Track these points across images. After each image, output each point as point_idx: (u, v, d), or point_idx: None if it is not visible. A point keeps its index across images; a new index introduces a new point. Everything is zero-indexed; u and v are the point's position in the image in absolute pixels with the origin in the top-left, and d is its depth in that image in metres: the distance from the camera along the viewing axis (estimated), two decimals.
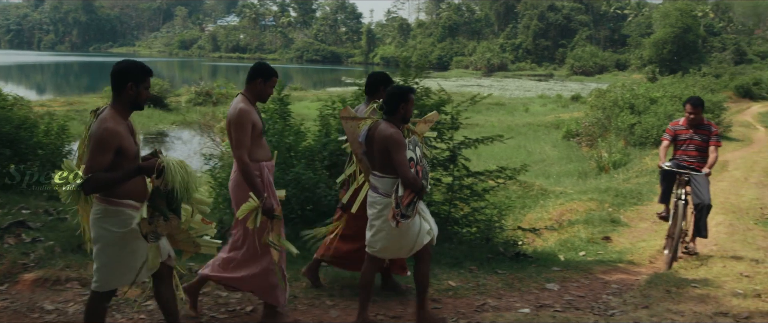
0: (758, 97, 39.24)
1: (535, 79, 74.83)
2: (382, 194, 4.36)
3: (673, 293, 5.57)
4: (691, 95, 7.96)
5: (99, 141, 3.47)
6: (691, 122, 7.13)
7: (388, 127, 4.30)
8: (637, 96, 21.81)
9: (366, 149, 4.56)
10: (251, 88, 4.42)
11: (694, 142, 7.13)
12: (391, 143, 4.22)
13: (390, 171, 4.31)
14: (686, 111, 7.16)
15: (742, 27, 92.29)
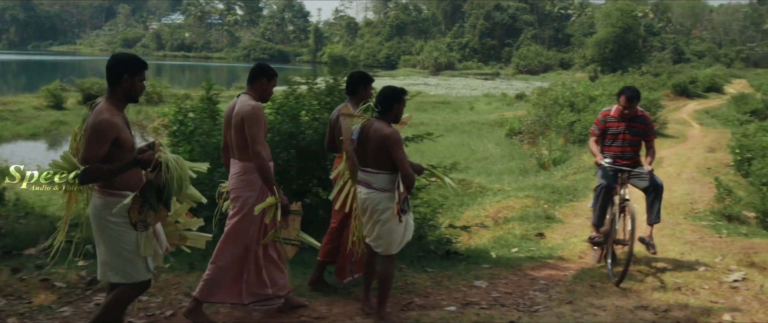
0: (694, 95, 40.39)
1: (482, 77, 75.62)
2: (377, 189, 4.58)
3: (598, 288, 5.67)
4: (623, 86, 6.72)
5: (96, 132, 3.54)
6: (623, 115, 6.32)
7: (384, 125, 4.55)
8: (577, 94, 22.22)
9: (356, 147, 4.71)
10: (256, 88, 4.56)
11: (626, 136, 6.36)
12: (391, 142, 4.47)
13: (385, 167, 4.55)
14: (620, 103, 6.31)
15: (680, 27, 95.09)
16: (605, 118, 6.47)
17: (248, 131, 4.35)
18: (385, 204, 4.55)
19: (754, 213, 10.77)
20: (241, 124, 4.38)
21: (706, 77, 45.39)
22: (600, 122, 6.50)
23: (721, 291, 5.57)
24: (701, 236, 9.04)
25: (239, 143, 4.47)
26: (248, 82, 4.58)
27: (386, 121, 4.63)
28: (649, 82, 35.44)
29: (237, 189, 4.54)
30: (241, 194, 4.52)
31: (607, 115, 6.49)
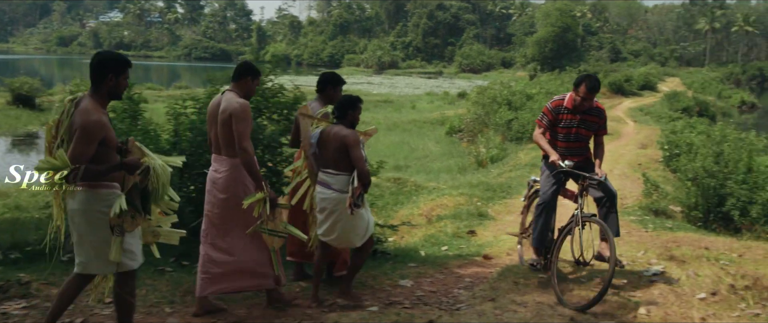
0: (629, 93, 41.50)
1: (425, 76, 76.15)
2: (336, 190, 4.87)
3: (521, 284, 5.69)
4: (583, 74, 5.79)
5: (86, 132, 3.59)
6: (581, 106, 5.44)
7: (342, 128, 4.90)
8: (515, 93, 22.55)
9: (316, 150, 5.01)
10: (241, 86, 4.68)
11: (581, 131, 5.55)
12: (350, 141, 4.80)
13: (344, 169, 4.86)
14: (579, 93, 5.38)
15: (617, 27, 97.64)
16: (557, 109, 5.54)
17: (236, 127, 4.44)
18: (344, 205, 4.81)
19: (680, 208, 11.08)
20: (229, 120, 4.46)
21: (641, 76, 46.71)
22: (550, 112, 5.56)
23: (641, 286, 5.65)
24: (628, 231, 9.20)
25: (227, 140, 4.55)
26: (233, 79, 4.69)
27: (344, 125, 4.95)
28: None
29: (226, 187, 4.63)
30: (235, 191, 4.63)
31: (559, 105, 5.53)
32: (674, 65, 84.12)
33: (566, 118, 5.53)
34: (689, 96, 37.65)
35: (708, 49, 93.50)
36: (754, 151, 10.87)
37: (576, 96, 5.43)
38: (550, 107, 5.61)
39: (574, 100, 5.46)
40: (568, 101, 5.51)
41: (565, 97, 5.59)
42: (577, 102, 5.44)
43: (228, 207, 4.65)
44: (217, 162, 4.69)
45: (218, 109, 4.57)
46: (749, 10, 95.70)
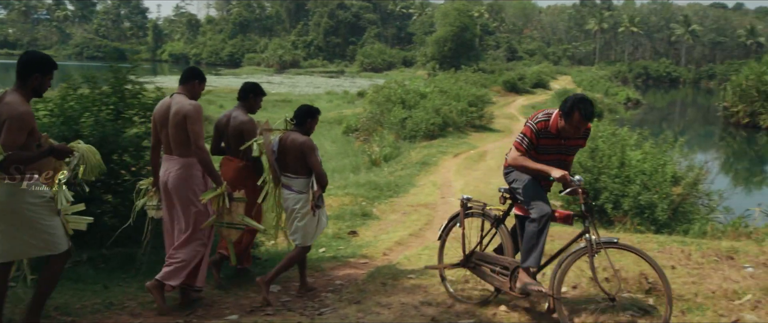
0: (523, 91, 42.74)
1: (327, 75, 75.89)
2: (296, 192, 5.33)
3: (388, 285, 5.63)
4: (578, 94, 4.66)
5: (18, 121, 3.79)
6: (566, 132, 4.50)
7: (299, 136, 5.31)
8: (409, 91, 22.70)
9: (277, 156, 5.37)
10: (189, 88, 4.94)
11: (562, 157, 4.71)
12: (307, 148, 5.24)
13: (302, 172, 5.30)
14: (572, 123, 4.40)
15: (513, 27, 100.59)
16: (541, 131, 4.57)
17: (192, 128, 4.68)
18: (303, 204, 5.33)
19: (560, 202, 11.40)
20: (183, 121, 4.68)
21: (533, 74, 48.25)
22: (533, 135, 4.59)
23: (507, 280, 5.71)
24: None
25: (181, 140, 4.76)
26: (181, 82, 4.95)
27: (302, 132, 5.36)
28: (481, 79, 36.99)
29: (178, 185, 4.84)
30: (185, 188, 4.85)
31: (543, 127, 4.55)
32: (567, 64, 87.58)
33: (549, 144, 4.61)
34: None
35: (597, 48, 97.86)
36: (627, 146, 11.30)
37: (565, 124, 4.44)
38: (534, 129, 4.57)
39: (558, 125, 4.49)
40: (552, 125, 4.53)
41: (549, 116, 4.55)
42: (567, 131, 4.49)
43: (180, 204, 4.87)
44: (168, 161, 4.89)
45: (168, 112, 4.79)
46: (634, 12, 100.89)
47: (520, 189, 4.69)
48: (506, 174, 4.90)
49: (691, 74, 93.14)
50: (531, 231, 4.60)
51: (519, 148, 4.67)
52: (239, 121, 5.54)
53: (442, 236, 5.43)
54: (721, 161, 29.34)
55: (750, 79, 35.61)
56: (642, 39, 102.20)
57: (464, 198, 5.19)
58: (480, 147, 19.29)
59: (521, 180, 4.70)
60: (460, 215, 5.18)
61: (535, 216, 4.56)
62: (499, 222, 5.07)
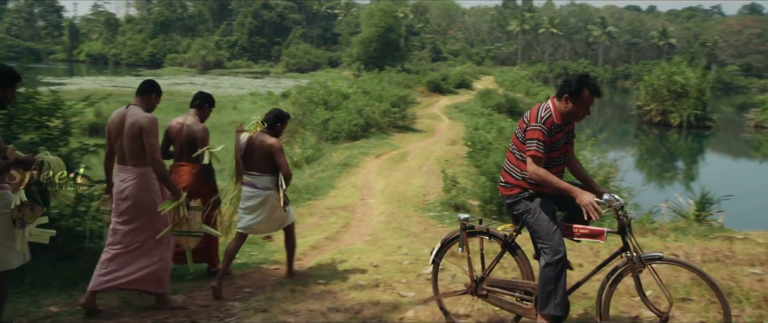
0: (447, 92, 43.20)
1: (251, 76, 74.81)
2: (260, 188, 5.71)
3: (297, 292, 5.53)
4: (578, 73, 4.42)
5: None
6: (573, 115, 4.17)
7: (268, 137, 5.71)
8: (331, 92, 22.58)
9: (244, 154, 5.73)
10: (145, 101, 5.01)
11: (568, 147, 4.36)
12: (275, 149, 5.69)
13: (267, 170, 5.70)
14: (582, 101, 4.10)
15: (437, 27, 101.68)
16: (552, 129, 4.12)
17: (148, 139, 4.78)
18: (270, 200, 5.72)
19: (478, 202, 11.53)
20: (139, 133, 4.78)
21: (457, 74, 48.84)
22: (547, 137, 4.09)
23: (417, 285, 5.70)
24: (426, 227, 9.40)
25: (136, 151, 4.85)
26: (139, 93, 5.00)
27: (272, 134, 5.77)
28: (405, 79, 37.17)
29: (135, 194, 4.90)
30: (143, 198, 4.92)
31: (552, 122, 4.11)
32: (490, 64, 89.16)
33: (558, 137, 4.19)
34: (500, 93, 39.81)
35: (519, 49, 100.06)
36: None
37: (574, 106, 4.11)
38: (545, 129, 4.09)
39: (564, 111, 4.15)
40: (556, 115, 4.14)
41: (550, 109, 4.16)
42: (577, 113, 4.14)
43: (134, 213, 4.94)
44: (123, 172, 4.95)
45: (123, 123, 4.87)
46: (554, 14, 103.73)
47: (533, 222, 4.20)
48: (513, 203, 4.32)
49: (608, 74, 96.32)
50: (547, 276, 4.10)
51: (539, 156, 4.06)
52: (194, 130, 5.82)
53: (435, 260, 4.82)
54: (636, 158, 30.46)
55: (661, 79, 37.08)
56: (562, 40, 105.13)
57: (462, 217, 4.59)
58: (402, 147, 19.35)
59: (534, 212, 4.19)
60: (461, 237, 4.58)
61: (549, 260, 4.08)
62: (511, 245, 4.50)
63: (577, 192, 3.99)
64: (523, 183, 4.23)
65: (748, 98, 63.74)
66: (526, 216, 4.23)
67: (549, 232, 4.13)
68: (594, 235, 4.13)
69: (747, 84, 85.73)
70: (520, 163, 4.21)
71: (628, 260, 4.03)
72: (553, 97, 4.21)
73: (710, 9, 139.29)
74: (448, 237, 4.76)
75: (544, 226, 4.15)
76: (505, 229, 4.55)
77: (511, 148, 4.33)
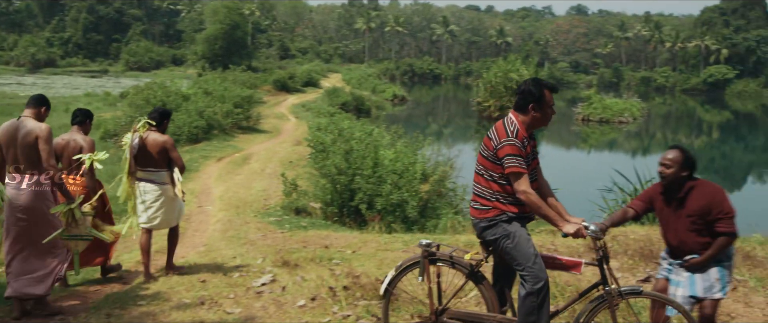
0: (294, 90, 42.97)
1: (88, 75, 70.42)
2: (158, 183, 6.11)
3: (115, 316, 5.17)
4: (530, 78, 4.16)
5: None
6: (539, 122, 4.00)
7: (159, 135, 6.12)
8: (170, 93, 21.64)
9: (137, 153, 6.08)
10: (37, 113, 5.21)
11: (535, 162, 4.13)
12: (169, 145, 6.12)
13: (163, 166, 6.11)
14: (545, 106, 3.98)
15: (285, 25, 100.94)
16: (523, 142, 3.91)
17: (44, 147, 5.01)
18: (167, 193, 6.15)
19: (319, 204, 11.47)
20: (35, 142, 5.01)
21: (304, 73, 48.71)
22: (522, 150, 3.88)
23: (246, 299, 5.52)
24: (265, 234, 9.19)
25: (32, 158, 5.07)
26: (31, 106, 5.21)
27: (160, 131, 6.16)
28: (250, 79, 36.50)
29: (32, 200, 5.09)
30: (39, 204, 5.13)
31: (523, 135, 3.92)
32: (338, 62, 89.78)
33: (527, 152, 3.96)
34: (347, 91, 40.16)
35: (367, 46, 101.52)
36: (380, 146, 11.67)
37: (541, 111, 3.94)
38: (518, 142, 3.87)
39: (530, 122, 3.96)
40: (522, 128, 3.93)
41: (516, 123, 3.94)
42: (545, 117, 3.98)
43: (30, 220, 5.11)
44: (18, 180, 5.09)
45: (17, 133, 5.06)
46: (399, 12, 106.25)
47: (513, 248, 3.89)
48: (487, 227, 3.98)
49: (451, 71, 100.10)
50: (530, 306, 3.83)
51: (522, 172, 3.82)
52: (80, 144, 6.00)
53: (388, 289, 4.40)
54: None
55: (498, 77, 38.96)
56: (407, 38, 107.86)
57: (423, 242, 4.22)
58: (246, 149, 18.95)
59: (513, 236, 3.89)
60: (422, 264, 4.21)
61: (531, 289, 3.81)
62: (476, 275, 4.17)
63: (563, 224, 3.85)
64: (499, 205, 3.94)
65: (577, 93, 68.51)
66: (505, 242, 3.91)
67: (530, 258, 3.85)
68: (571, 267, 4.01)
69: (576, 79, 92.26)
70: (492, 184, 3.95)
71: (606, 293, 3.91)
72: (513, 110, 4.00)
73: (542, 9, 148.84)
74: (403, 263, 4.37)
75: (524, 251, 3.86)
76: (472, 257, 4.18)
77: (479, 170, 4.04)
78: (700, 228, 4.13)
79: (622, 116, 39.91)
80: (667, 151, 4.21)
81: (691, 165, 4.13)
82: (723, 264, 4.20)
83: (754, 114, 61.36)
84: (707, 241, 4.13)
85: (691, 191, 4.14)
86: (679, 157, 4.11)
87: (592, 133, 37.88)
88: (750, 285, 6.12)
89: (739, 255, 6.95)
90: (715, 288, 4.16)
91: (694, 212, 4.11)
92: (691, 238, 4.17)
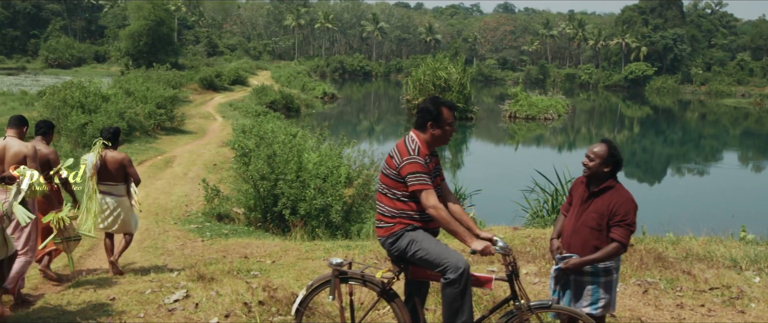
0: (221, 88, 42.21)
1: (4, 73, 67.38)
2: (116, 195, 6.96)
3: None
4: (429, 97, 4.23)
5: None
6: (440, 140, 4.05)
7: (117, 153, 6.91)
8: (89, 94, 20.83)
9: (100, 169, 6.78)
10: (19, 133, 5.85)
11: (438, 181, 4.17)
12: (127, 161, 6.95)
13: (121, 180, 6.95)
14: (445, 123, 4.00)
15: (212, 21, 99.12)
16: (426, 160, 3.94)
17: (31, 164, 5.53)
18: (124, 204, 7.02)
19: (242, 210, 11.25)
20: (24, 160, 5.56)
21: (232, 71, 47.89)
22: (425, 167, 3.90)
23: (157, 318, 5.30)
24: (184, 243, 8.96)
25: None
26: (13, 126, 5.84)
27: (114, 148, 6.90)
28: (176, 77, 35.62)
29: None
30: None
31: (424, 152, 3.97)
32: (267, 58, 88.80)
33: (432, 169, 4.01)
34: (276, 90, 39.66)
35: (296, 43, 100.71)
36: (304, 150, 11.52)
37: (440, 130, 3.97)
38: (421, 160, 3.88)
39: (431, 140, 3.99)
40: (423, 145, 3.96)
41: (416, 141, 3.97)
42: (445, 135, 4.02)
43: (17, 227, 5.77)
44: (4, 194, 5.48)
45: (5, 152, 5.62)
46: (328, 9, 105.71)
47: (422, 252, 3.89)
48: (394, 242, 3.99)
49: (382, 68, 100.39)
50: (452, 294, 3.84)
51: (428, 188, 3.83)
52: (45, 153, 6.39)
53: (299, 309, 4.29)
54: None
55: (427, 75, 39.24)
56: (337, 35, 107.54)
57: (334, 261, 4.13)
58: (168, 152, 18.47)
59: (419, 242, 3.91)
60: (333, 283, 4.14)
61: (452, 277, 3.80)
62: (388, 293, 4.13)
63: (471, 241, 3.83)
64: (403, 220, 3.96)
65: (505, 89, 69.80)
66: (412, 248, 3.92)
67: (443, 252, 3.86)
68: (481, 283, 4.00)
69: (504, 76, 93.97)
70: (396, 202, 3.97)
71: (516, 308, 3.96)
72: (414, 129, 4.02)
73: (470, 7, 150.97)
74: (314, 282, 4.28)
75: (434, 250, 3.88)
76: (383, 275, 4.12)
77: (382, 189, 4.04)
78: (597, 228, 4.10)
79: (548, 113, 40.82)
80: (594, 144, 4.21)
81: (613, 163, 4.12)
82: (599, 279, 4.16)
83: (672, 109, 63.82)
84: (596, 245, 4.08)
85: (605, 191, 4.14)
86: (603, 152, 4.10)
87: (519, 130, 38.61)
88: (660, 288, 6.29)
89: (651, 256, 7.17)
90: (584, 302, 4.16)
91: (600, 210, 4.10)
92: (584, 235, 4.14)
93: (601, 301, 4.15)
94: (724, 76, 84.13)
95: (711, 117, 57.05)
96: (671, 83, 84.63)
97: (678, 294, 6.11)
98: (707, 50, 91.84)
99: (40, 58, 79.70)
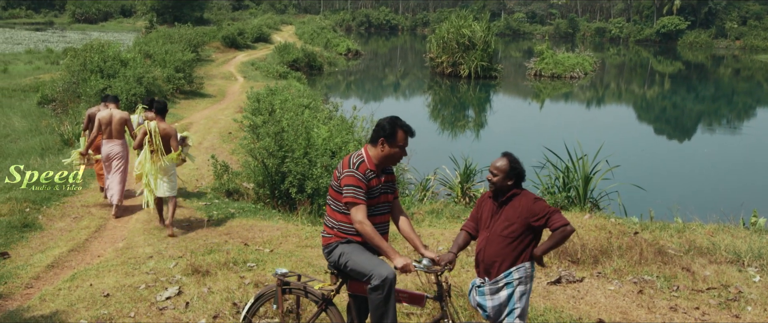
0: (244, 46, 42.06)
1: (32, 28, 67.92)
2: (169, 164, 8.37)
3: None
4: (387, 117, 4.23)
5: None
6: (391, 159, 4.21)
7: (167, 125, 8.28)
8: (108, 58, 20.83)
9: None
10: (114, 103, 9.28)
11: (385, 196, 4.27)
12: (171, 132, 8.34)
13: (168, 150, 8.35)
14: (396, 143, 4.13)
15: None
16: (366, 174, 4.09)
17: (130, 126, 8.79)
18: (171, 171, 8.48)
19: (252, 185, 11.28)
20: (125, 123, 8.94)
21: (254, 28, 47.62)
22: (363, 182, 4.07)
23: (146, 318, 5.37)
24: (190, 224, 8.95)
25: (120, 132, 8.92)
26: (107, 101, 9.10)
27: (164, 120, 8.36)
28: (199, 34, 35.50)
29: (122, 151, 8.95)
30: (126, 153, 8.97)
31: (366, 167, 4.12)
32: (293, 12, 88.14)
33: (373, 185, 4.12)
34: (298, 48, 39.44)
35: None
36: (312, 126, 11.46)
37: (390, 149, 4.11)
38: (359, 174, 4.03)
39: (381, 157, 4.13)
40: (369, 161, 4.11)
41: (363, 156, 4.13)
42: (396, 156, 4.16)
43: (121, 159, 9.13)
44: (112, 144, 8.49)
45: (111, 118, 8.19)
46: None
47: (353, 263, 4.07)
48: (330, 252, 4.19)
49: (408, 21, 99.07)
50: (377, 300, 3.98)
51: (357, 202, 3.99)
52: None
53: (247, 317, 4.50)
54: (430, 108, 31.74)
55: (450, 32, 38.62)
56: None
57: (279, 272, 4.32)
58: (185, 117, 18.53)
59: (348, 253, 4.10)
60: (276, 293, 4.34)
61: (376, 283, 3.95)
62: (328, 301, 4.32)
63: (394, 256, 3.98)
64: (339, 233, 4.16)
65: (533, 44, 68.61)
66: (343, 259, 4.12)
67: (371, 263, 4.03)
68: (413, 300, 4.19)
69: (532, 30, 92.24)
70: (336, 214, 4.16)
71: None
72: (367, 144, 4.20)
73: None
74: (261, 292, 4.50)
75: (363, 261, 4.05)
76: (323, 288, 4.33)
77: (328, 200, 4.25)
78: (509, 236, 4.17)
79: (574, 71, 40.06)
80: (496, 159, 4.29)
81: (515, 175, 4.20)
82: (513, 285, 4.20)
83: (705, 64, 62.30)
84: (516, 255, 4.18)
85: (512, 198, 4.22)
86: (505, 166, 4.20)
87: (544, 89, 38.02)
88: (657, 287, 6.20)
89: (652, 250, 7.05)
90: (503, 312, 4.23)
91: (510, 218, 4.18)
92: (498, 245, 4.19)
93: (516, 312, 4.22)
94: (760, 30, 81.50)
95: (745, 72, 55.58)
96: (704, 38, 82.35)
97: (673, 295, 6.02)
98: (743, 3, 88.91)
99: (67, 13, 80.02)
